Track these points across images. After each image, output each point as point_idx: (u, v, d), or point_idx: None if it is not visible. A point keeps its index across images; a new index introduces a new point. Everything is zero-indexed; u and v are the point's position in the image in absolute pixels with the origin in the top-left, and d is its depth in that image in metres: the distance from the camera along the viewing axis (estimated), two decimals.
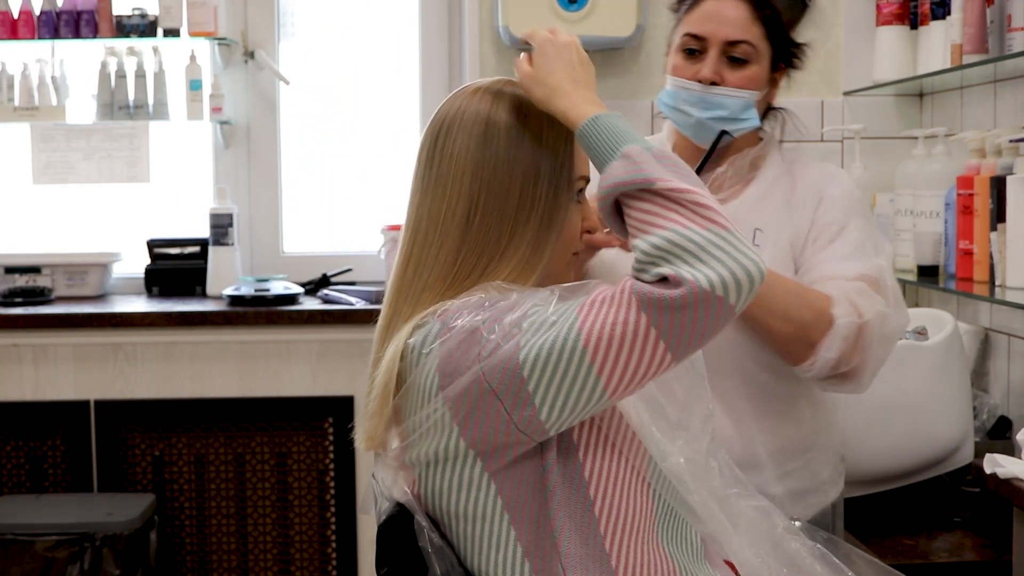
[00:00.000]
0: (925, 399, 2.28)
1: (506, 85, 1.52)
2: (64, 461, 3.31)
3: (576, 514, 1.41)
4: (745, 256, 1.29)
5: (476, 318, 1.36)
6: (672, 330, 1.28)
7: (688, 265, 1.28)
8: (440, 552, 1.43)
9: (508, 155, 1.46)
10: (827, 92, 3.37)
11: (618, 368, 1.30)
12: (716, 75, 1.88)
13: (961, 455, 2.35)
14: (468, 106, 1.49)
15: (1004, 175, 2.51)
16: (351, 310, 3.27)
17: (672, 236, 1.29)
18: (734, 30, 1.88)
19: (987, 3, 2.60)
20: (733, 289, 1.28)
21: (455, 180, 1.46)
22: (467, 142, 1.46)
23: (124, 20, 3.45)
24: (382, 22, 3.64)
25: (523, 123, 1.48)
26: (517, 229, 1.45)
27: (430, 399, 1.39)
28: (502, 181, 1.45)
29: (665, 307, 1.27)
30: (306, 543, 3.35)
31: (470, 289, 1.44)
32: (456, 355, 1.36)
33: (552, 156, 1.47)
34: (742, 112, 1.89)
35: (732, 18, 1.88)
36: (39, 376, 3.30)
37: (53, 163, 3.61)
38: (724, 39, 1.88)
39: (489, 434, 1.37)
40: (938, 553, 2.19)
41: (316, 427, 3.33)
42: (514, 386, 1.33)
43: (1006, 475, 1.95)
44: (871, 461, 2.31)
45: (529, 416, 1.34)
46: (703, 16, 1.89)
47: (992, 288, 2.55)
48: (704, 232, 1.29)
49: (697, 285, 1.26)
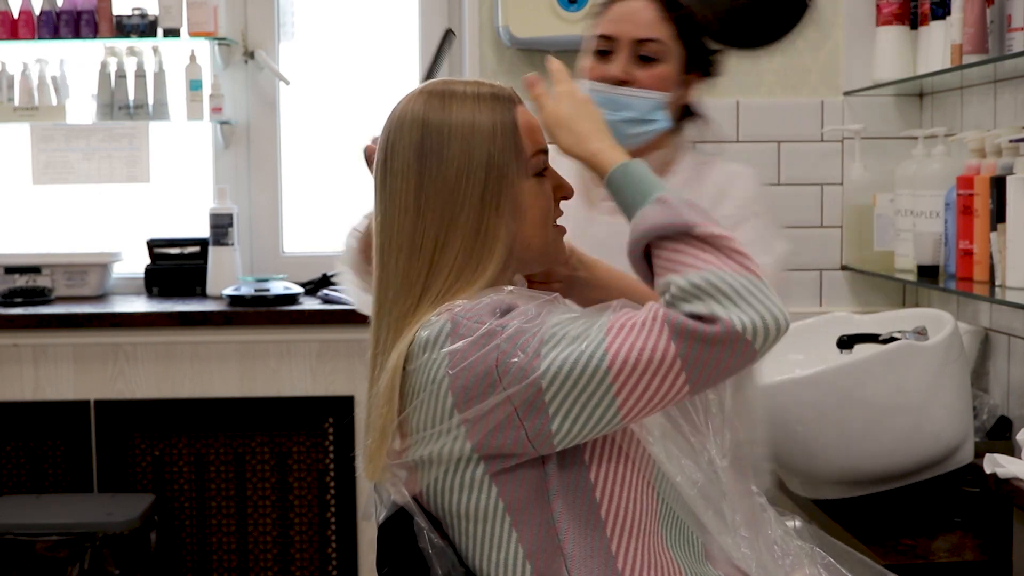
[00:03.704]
0: (925, 399, 2.28)
1: (437, 84, 1.54)
2: (64, 461, 3.31)
3: (582, 516, 1.41)
4: (774, 305, 1.33)
5: (493, 323, 1.37)
6: (697, 364, 1.31)
7: (722, 306, 1.31)
8: (441, 552, 1.43)
9: (443, 153, 1.47)
10: (827, 92, 3.37)
11: (636, 392, 1.33)
12: (625, 73, 1.88)
13: (961, 455, 2.35)
14: (404, 114, 1.50)
15: (1004, 175, 2.51)
16: (351, 310, 3.25)
17: (710, 277, 1.32)
18: (643, 28, 1.89)
19: (987, 3, 2.60)
20: (761, 334, 1.31)
21: (401, 194, 1.48)
22: (407, 155, 1.48)
23: (124, 20, 3.45)
24: (382, 22, 3.64)
25: (453, 117, 1.48)
26: (455, 216, 1.45)
27: (438, 403, 1.38)
28: (440, 181, 1.46)
29: (696, 339, 1.30)
30: (306, 543, 3.35)
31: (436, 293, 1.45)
32: (470, 357, 1.36)
33: (487, 140, 1.47)
34: (651, 113, 1.89)
35: (641, 17, 1.89)
36: (39, 376, 3.30)
37: (53, 163, 3.61)
38: (633, 37, 1.89)
39: (497, 439, 1.37)
40: (938, 553, 2.19)
41: (316, 427, 3.33)
42: (530, 394, 1.33)
43: (1006, 475, 1.96)
44: (871, 461, 2.31)
45: (540, 427, 1.35)
46: (613, 17, 1.91)
47: (992, 288, 2.55)
48: (739, 277, 1.33)
49: (731, 324, 1.30)
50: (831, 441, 2.29)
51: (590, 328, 1.34)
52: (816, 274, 3.41)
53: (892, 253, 3.10)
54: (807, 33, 3.37)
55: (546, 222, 1.53)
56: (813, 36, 3.37)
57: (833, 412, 2.27)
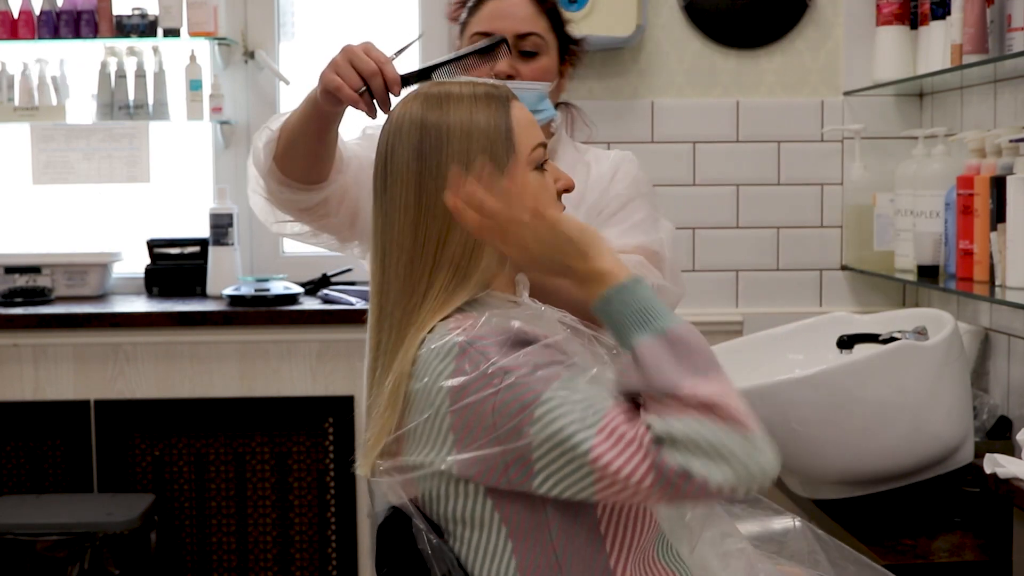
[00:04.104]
0: (925, 399, 2.28)
1: (432, 86, 1.55)
2: (64, 461, 3.31)
3: (581, 532, 1.41)
4: (757, 460, 1.30)
5: (497, 362, 1.36)
6: (669, 498, 1.33)
7: (700, 462, 1.29)
8: (440, 553, 1.43)
9: (442, 153, 1.47)
10: (827, 92, 3.37)
11: (611, 492, 1.34)
12: (511, 68, 1.91)
13: (961, 455, 2.35)
14: (403, 117, 1.51)
15: (1004, 175, 2.51)
16: (351, 310, 3.27)
17: (690, 432, 1.30)
18: (522, 23, 1.94)
19: (987, 3, 2.60)
20: (740, 489, 1.31)
21: (402, 196, 1.49)
22: (406, 156, 1.49)
23: (124, 20, 3.45)
24: (382, 22, 3.64)
25: (450, 117, 1.49)
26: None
27: (437, 435, 1.39)
28: (440, 180, 1.46)
29: (672, 488, 1.30)
30: (306, 543, 3.35)
31: (443, 298, 1.46)
32: (471, 397, 1.36)
33: (484, 137, 1.48)
34: (539, 104, 1.90)
35: (519, 13, 1.94)
36: (39, 376, 3.30)
37: (53, 163, 3.61)
38: (514, 32, 1.93)
39: (483, 476, 1.38)
40: (938, 553, 2.19)
41: (316, 427, 3.33)
42: (520, 452, 1.34)
43: (1006, 475, 1.96)
44: (871, 461, 2.31)
45: (523, 479, 1.36)
46: (491, 15, 1.94)
47: (992, 288, 2.55)
48: (721, 433, 1.30)
49: (707, 486, 1.29)
50: (831, 441, 2.29)
51: (588, 408, 1.33)
52: (816, 274, 3.41)
53: (892, 253, 3.10)
54: (807, 33, 3.37)
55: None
56: (813, 36, 3.37)
57: (833, 412, 2.27)
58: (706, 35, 3.35)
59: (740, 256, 3.40)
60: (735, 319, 3.36)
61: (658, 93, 3.37)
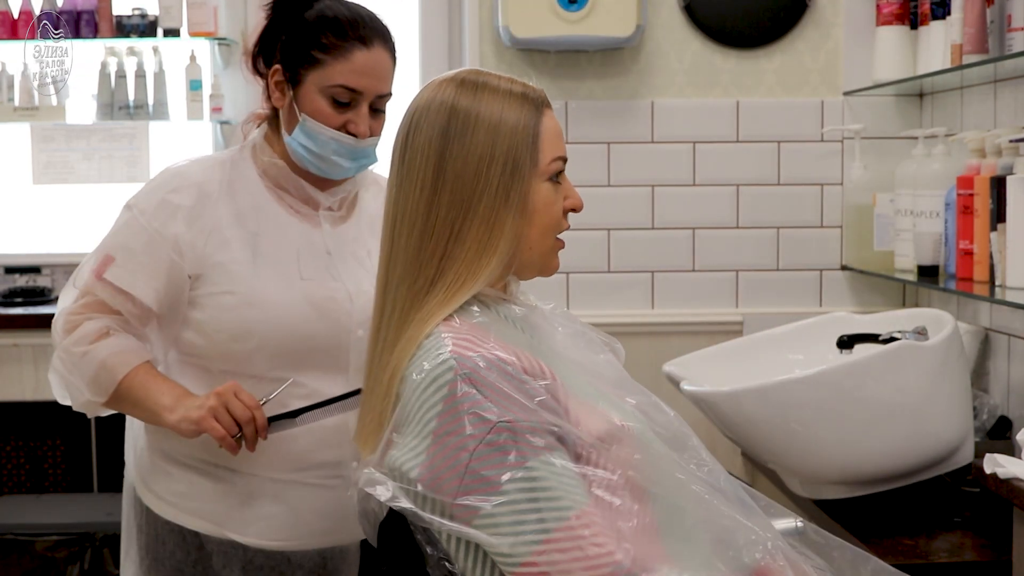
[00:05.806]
0: (925, 399, 2.28)
1: (471, 73, 1.55)
2: (64, 461, 3.31)
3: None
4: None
5: (484, 410, 1.37)
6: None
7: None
8: (435, 543, 1.43)
9: (467, 139, 1.48)
10: (827, 92, 3.37)
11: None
12: (371, 130, 1.91)
13: (961, 455, 2.35)
14: (434, 97, 1.52)
15: (1004, 175, 2.51)
16: None
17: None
18: (386, 84, 1.92)
19: (987, 3, 2.60)
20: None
21: (420, 171, 1.49)
22: (431, 133, 1.50)
23: (124, 20, 3.46)
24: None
25: (482, 107, 1.50)
26: (473, 207, 1.47)
27: (416, 453, 1.40)
28: (460, 164, 1.48)
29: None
30: None
31: (451, 292, 1.47)
32: (450, 441, 1.38)
33: (511, 135, 1.49)
34: (376, 153, 1.95)
35: (384, 72, 1.92)
36: (39, 376, 3.30)
37: (53, 163, 3.61)
38: (377, 93, 1.91)
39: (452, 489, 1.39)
40: (938, 553, 2.19)
41: None
42: (476, 507, 1.36)
43: (1006, 475, 1.95)
44: (871, 461, 2.31)
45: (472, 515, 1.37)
46: (359, 70, 1.88)
47: (992, 288, 2.55)
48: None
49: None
50: (831, 441, 2.29)
51: (557, 499, 1.35)
52: (816, 274, 3.41)
53: (892, 253, 3.10)
54: (807, 33, 3.37)
55: (552, 229, 1.54)
56: (813, 36, 3.37)
57: (833, 412, 2.27)
58: (706, 35, 3.35)
59: (740, 256, 3.40)
60: (735, 319, 3.36)
61: (658, 93, 3.37)
